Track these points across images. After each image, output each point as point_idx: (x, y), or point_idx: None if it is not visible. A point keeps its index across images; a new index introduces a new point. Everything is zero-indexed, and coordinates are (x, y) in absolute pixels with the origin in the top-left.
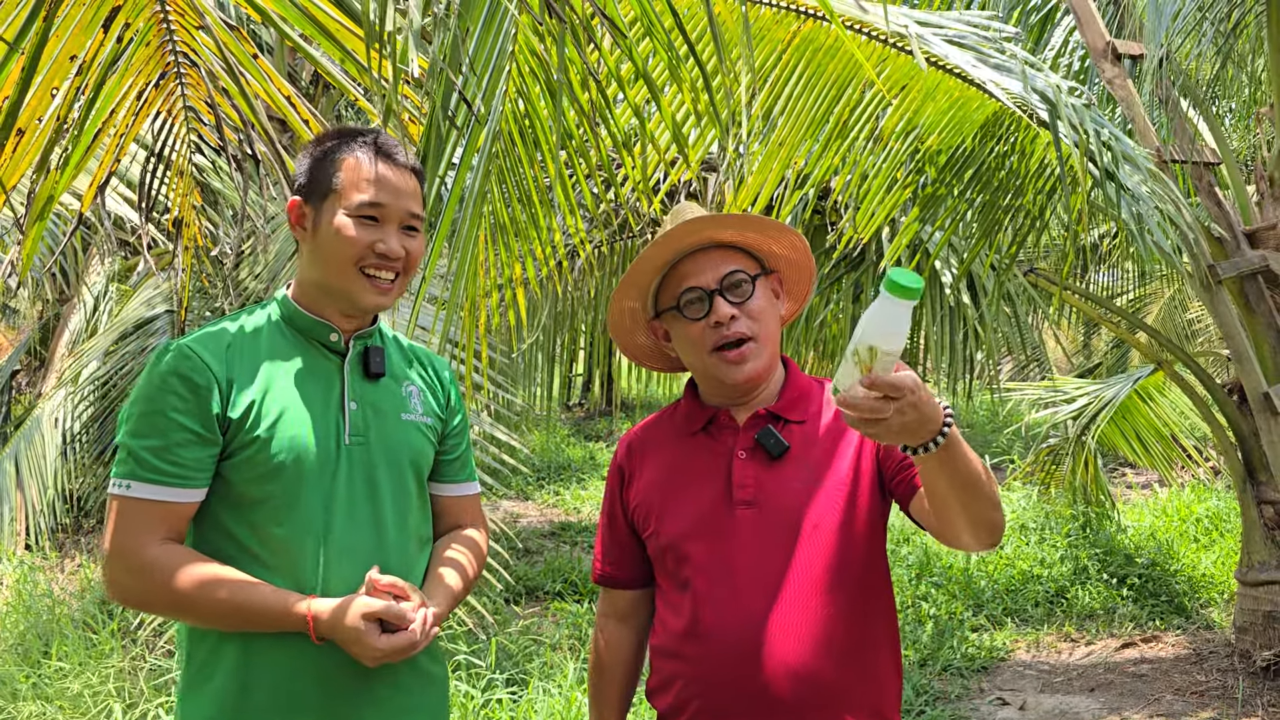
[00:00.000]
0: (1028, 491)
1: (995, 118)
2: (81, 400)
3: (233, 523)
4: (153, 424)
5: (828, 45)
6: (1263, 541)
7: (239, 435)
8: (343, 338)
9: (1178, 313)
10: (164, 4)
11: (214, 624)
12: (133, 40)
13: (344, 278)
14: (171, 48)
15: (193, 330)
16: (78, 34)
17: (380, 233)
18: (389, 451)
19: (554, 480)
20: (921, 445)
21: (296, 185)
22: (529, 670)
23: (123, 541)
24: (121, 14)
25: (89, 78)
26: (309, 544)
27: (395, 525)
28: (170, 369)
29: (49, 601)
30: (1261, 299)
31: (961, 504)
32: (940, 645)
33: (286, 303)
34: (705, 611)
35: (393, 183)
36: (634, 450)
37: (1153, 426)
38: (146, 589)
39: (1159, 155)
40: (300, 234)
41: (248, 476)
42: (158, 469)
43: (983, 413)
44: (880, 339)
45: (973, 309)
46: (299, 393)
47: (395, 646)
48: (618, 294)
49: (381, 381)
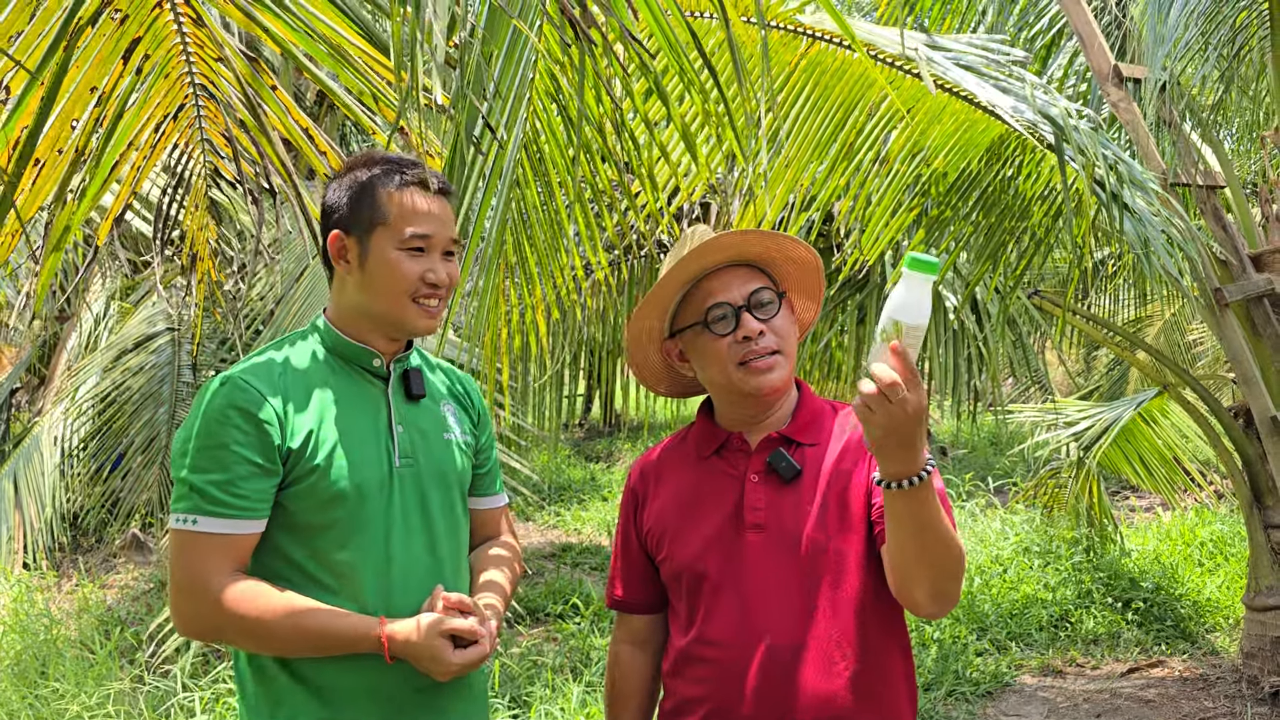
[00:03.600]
0: (1030, 515)
1: (1001, 141)
2: (79, 416)
3: (294, 549)
4: (214, 458)
5: (835, 67)
6: (1270, 566)
7: (299, 465)
8: (384, 362)
9: (1177, 335)
10: (184, 35)
11: (287, 651)
12: (152, 72)
13: (398, 308)
14: (190, 79)
15: (240, 362)
16: (98, 65)
17: (428, 261)
18: (436, 472)
19: (555, 501)
20: (899, 479)
21: (336, 218)
22: (531, 693)
23: (192, 576)
24: (141, 45)
25: (108, 109)
26: (371, 566)
27: (448, 543)
28: (228, 402)
29: (46, 621)
30: (1268, 322)
31: (922, 557)
32: (945, 670)
33: (330, 331)
34: (717, 635)
35: (437, 213)
36: (647, 474)
37: (1156, 449)
38: (220, 621)
39: (1164, 178)
40: (343, 266)
41: (309, 504)
42: (223, 502)
43: (984, 435)
44: (904, 315)
45: (976, 331)
46: (350, 419)
47: (468, 660)
48: (639, 312)
49: (422, 403)
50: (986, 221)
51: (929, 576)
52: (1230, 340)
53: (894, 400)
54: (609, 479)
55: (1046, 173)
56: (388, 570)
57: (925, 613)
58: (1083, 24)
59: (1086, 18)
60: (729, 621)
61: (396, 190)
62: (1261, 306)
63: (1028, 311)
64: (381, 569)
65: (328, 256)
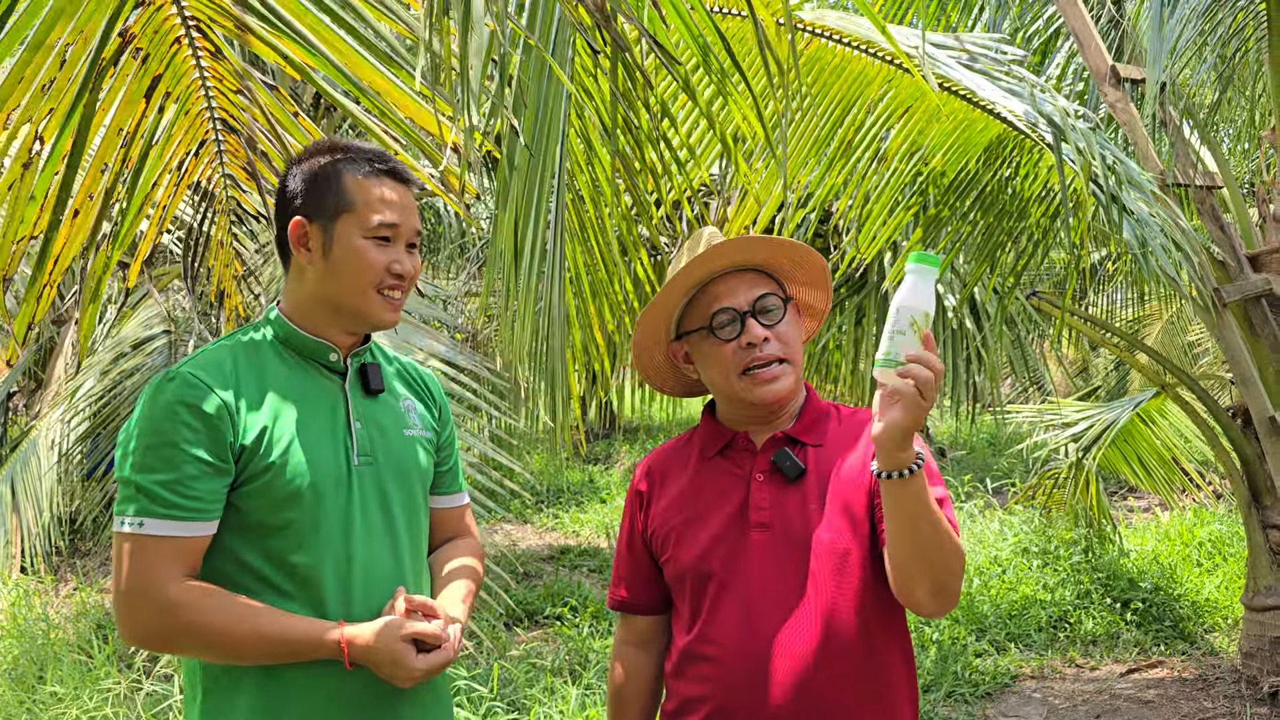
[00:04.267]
0: (1029, 515)
1: (999, 140)
2: (76, 416)
3: (246, 552)
4: (163, 457)
5: (834, 64)
6: (1269, 566)
7: (252, 463)
8: (341, 356)
9: (1178, 334)
10: (202, 69)
11: (242, 659)
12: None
13: (362, 299)
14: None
15: (190, 357)
16: (124, 106)
17: (394, 252)
18: (397, 469)
19: (553, 504)
20: (900, 469)
21: (297, 204)
22: (530, 695)
23: (141, 581)
24: (162, 83)
25: (134, 150)
26: (330, 568)
27: (410, 543)
28: (176, 398)
29: (44, 625)
30: (1266, 322)
31: (921, 552)
32: (944, 671)
33: (282, 323)
34: (719, 634)
35: (402, 202)
36: (652, 474)
37: (1154, 450)
38: (170, 628)
39: (1162, 179)
40: (304, 255)
41: (262, 504)
42: (172, 503)
43: (983, 436)
44: (927, 306)
45: (975, 331)
46: (306, 415)
47: (432, 665)
48: (645, 313)
49: (380, 398)
50: (985, 221)
51: (928, 573)
52: (1228, 340)
53: (935, 390)
54: (607, 481)
55: (1045, 173)
56: (348, 572)
57: (927, 611)
58: (1079, 25)
59: (1084, 18)
60: (732, 621)
61: (364, 178)
62: (1259, 307)
63: (1026, 312)
64: (341, 571)
65: (284, 244)
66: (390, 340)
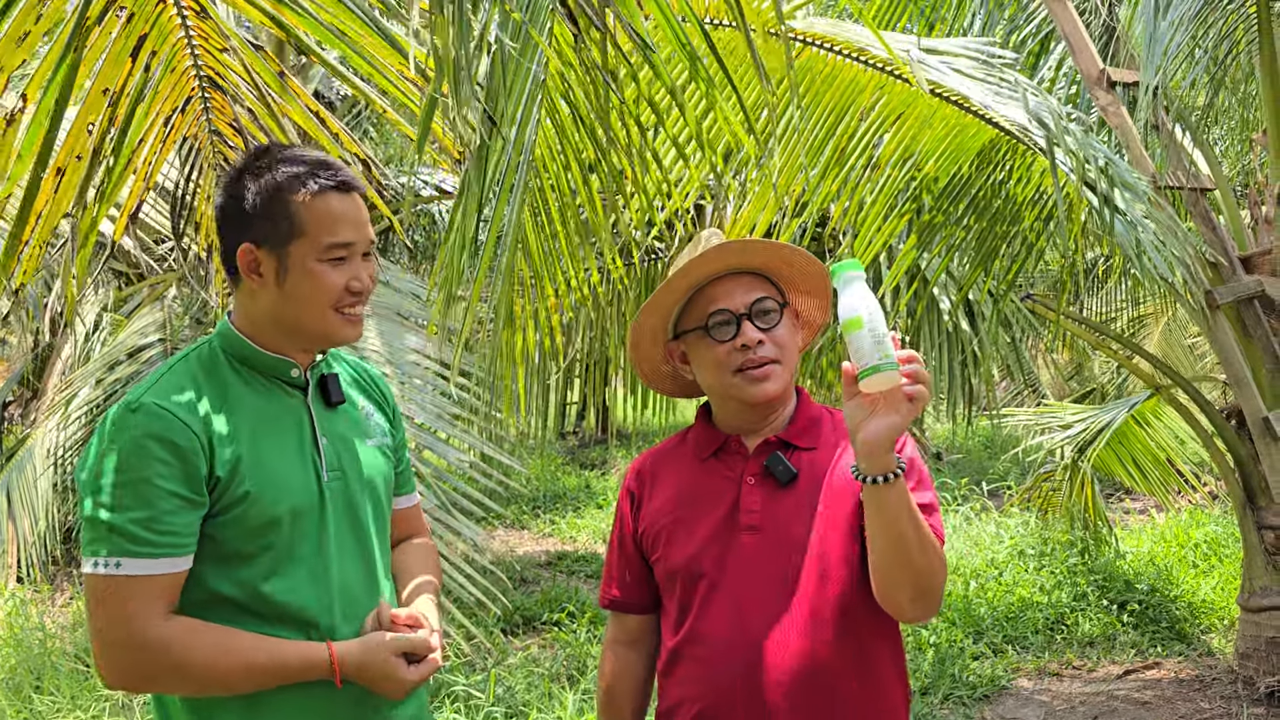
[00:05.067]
0: (1025, 518)
1: (992, 145)
2: (71, 423)
3: (221, 583)
4: (136, 493)
5: (826, 73)
6: (1264, 567)
7: (227, 493)
8: (302, 371)
9: (1180, 334)
10: (188, 28)
11: (232, 690)
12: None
13: (321, 321)
14: (196, 73)
15: (145, 383)
16: (108, 67)
17: (350, 269)
18: (363, 480)
19: (550, 509)
20: (884, 474)
21: (242, 228)
22: (528, 701)
23: (121, 625)
24: (149, 42)
25: (119, 109)
26: (310, 590)
27: (380, 552)
28: (144, 431)
29: (41, 635)
30: (1258, 324)
31: (903, 556)
32: (941, 674)
33: (241, 341)
34: (709, 635)
35: (354, 216)
36: (644, 474)
37: (1149, 452)
38: (157, 669)
39: (1154, 181)
40: (255, 281)
41: (238, 533)
42: (148, 541)
43: (979, 439)
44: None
45: (971, 334)
46: (274, 437)
47: (423, 675)
48: (643, 313)
49: (340, 408)
50: (978, 225)
51: (910, 578)
52: (1222, 342)
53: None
54: (604, 486)
55: (1037, 176)
56: (328, 590)
57: (908, 616)
58: (1071, 29)
59: (1075, 22)
60: (721, 621)
61: (312, 198)
62: (1252, 308)
63: (1022, 315)
64: (320, 589)
65: (231, 263)
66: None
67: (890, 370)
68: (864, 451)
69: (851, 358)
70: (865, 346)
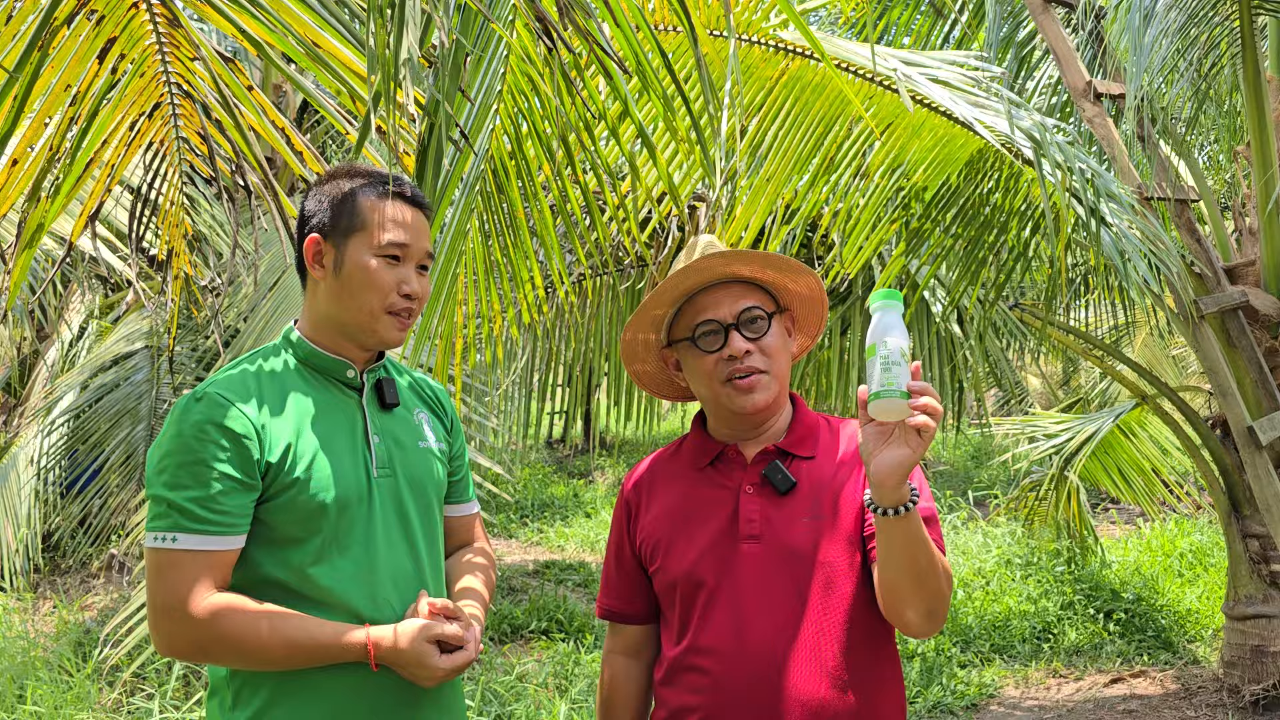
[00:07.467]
0: (1012, 527)
1: (980, 155)
2: (54, 430)
3: (272, 566)
4: (193, 474)
5: (815, 83)
6: (1249, 575)
7: (278, 479)
8: (358, 372)
9: (1163, 343)
10: (160, 35)
11: (273, 665)
12: (128, 71)
13: (371, 318)
14: (166, 79)
15: (213, 376)
16: (74, 65)
17: (403, 272)
18: (413, 481)
19: (537, 518)
20: (897, 506)
21: (314, 223)
22: (516, 711)
23: (175, 595)
24: (117, 45)
25: (82, 108)
26: (355, 581)
27: (427, 552)
28: (205, 417)
29: (24, 643)
30: (1243, 334)
31: (918, 580)
32: (929, 683)
33: (302, 343)
34: (710, 644)
35: (414, 225)
36: (641, 485)
37: (1134, 461)
38: (205, 640)
39: (1140, 192)
40: (318, 271)
41: (288, 519)
42: (203, 519)
43: (965, 449)
44: (906, 339)
45: (962, 340)
46: (327, 431)
47: (455, 665)
48: (633, 322)
49: (395, 412)
50: (966, 234)
51: (922, 599)
52: (1206, 352)
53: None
54: (592, 495)
55: (1025, 187)
56: (372, 580)
57: (915, 632)
58: (1058, 41)
59: (1061, 35)
60: (723, 631)
61: (377, 199)
62: (1236, 319)
63: (1009, 324)
64: (365, 579)
65: (303, 264)
66: None
67: (895, 398)
68: (874, 483)
69: (867, 382)
70: (875, 372)
